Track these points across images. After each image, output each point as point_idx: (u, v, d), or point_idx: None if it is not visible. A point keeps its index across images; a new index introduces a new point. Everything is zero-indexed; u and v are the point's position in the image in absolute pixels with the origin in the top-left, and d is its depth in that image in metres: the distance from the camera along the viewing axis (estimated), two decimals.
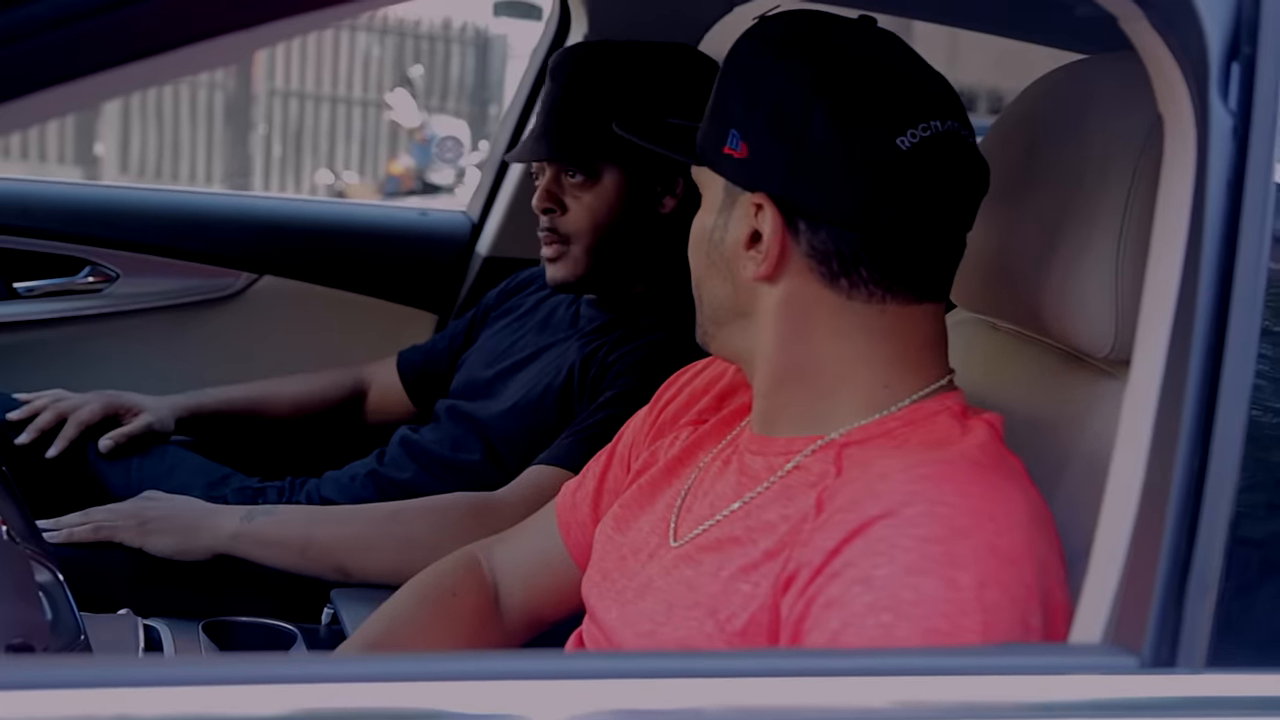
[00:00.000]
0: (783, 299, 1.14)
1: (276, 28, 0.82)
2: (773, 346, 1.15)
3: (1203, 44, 0.91)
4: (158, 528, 1.75)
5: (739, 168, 1.14)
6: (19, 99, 0.75)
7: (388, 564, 1.69)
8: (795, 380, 1.15)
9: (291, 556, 1.72)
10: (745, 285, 1.16)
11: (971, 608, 0.95)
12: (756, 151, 1.12)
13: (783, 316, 1.14)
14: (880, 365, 1.13)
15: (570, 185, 1.86)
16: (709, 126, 1.18)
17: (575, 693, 0.85)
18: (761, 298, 1.15)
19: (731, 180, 1.15)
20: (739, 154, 1.13)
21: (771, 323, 1.15)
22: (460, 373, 2.06)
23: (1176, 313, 0.93)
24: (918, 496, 1.00)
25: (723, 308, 1.19)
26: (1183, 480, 0.90)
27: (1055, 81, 1.29)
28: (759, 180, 1.12)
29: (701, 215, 1.20)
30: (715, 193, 1.18)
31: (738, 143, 1.13)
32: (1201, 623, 0.90)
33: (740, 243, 1.14)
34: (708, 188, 1.19)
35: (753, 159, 1.13)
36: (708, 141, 1.17)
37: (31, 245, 2.34)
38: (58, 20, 0.76)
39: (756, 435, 1.19)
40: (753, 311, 1.16)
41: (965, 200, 1.14)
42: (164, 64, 0.78)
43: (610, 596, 1.22)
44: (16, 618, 1.10)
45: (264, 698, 0.81)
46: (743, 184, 1.14)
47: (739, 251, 1.15)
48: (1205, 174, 0.91)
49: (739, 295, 1.17)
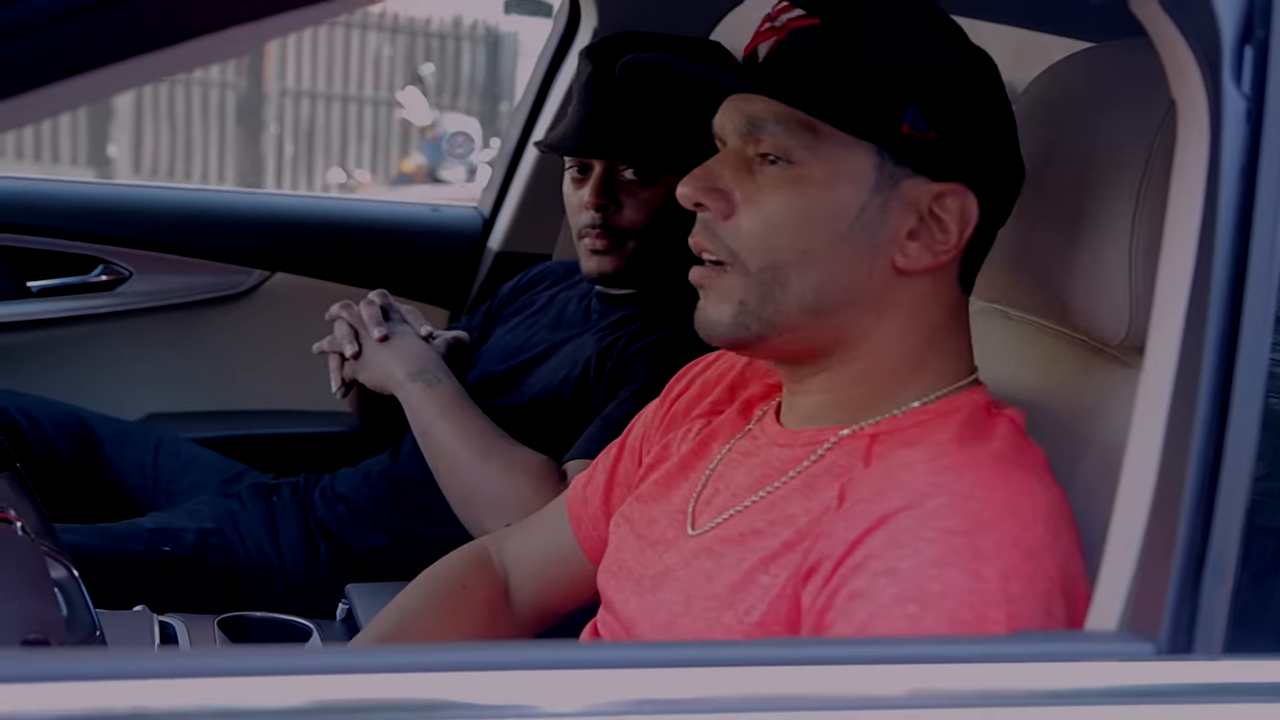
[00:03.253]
0: (929, 290, 1.10)
1: (283, 20, 0.82)
2: (887, 337, 1.11)
3: (1215, 27, 0.90)
4: (365, 364, 1.91)
5: (930, 151, 1.06)
6: (28, 92, 0.75)
7: (454, 487, 1.80)
8: (881, 371, 1.12)
9: (418, 428, 1.85)
10: (887, 274, 1.08)
11: (996, 599, 0.95)
12: (950, 137, 1.07)
13: (919, 308, 1.11)
14: (946, 356, 1.13)
15: (625, 182, 1.85)
16: (864, 96, 1.06)
17: (586, 683, 0.85)
18: (904, 287, 1.10)
19: (912, 165, 1.07)
20: (925, 135, 1.06)
21: (902, 313, 1.10)
22: (474, 369, 2.06)
23: (1191, 298, 0.93)
24: (941, 488, 1.00)
25: (838, 293, 1.09)
26: (1198, 467, 0.89)
27: (1067, 69, 1.28)
28: (952, 168, 1.07)
29: (818, 191, 1.07)
30: (855, 169, 1.07)
31: (923, 123, 1.06)
32: (1218, 609, 0.89)
33: (902, 228, 1.07)
34: (830, 162, 1.07)
35: (944, 144, 1.06)
36: (865, 113, 1.06)
37: (44, 244, 2.36)
38: (65, 14, 0.76)
39: (784, 429, 1.17)
40: (884, 301, 1.10)
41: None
42: (172, 56, 0.78)
43: (629, 588, 1.22)
44: (32, 614, 1.10)
45: (276, 689, 0.81)
46: (929, 170, 1.07)
47: (898, 238, 1.08)
48: (1219, 158, 0.91)
49: (874, 283, 1.09)
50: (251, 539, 1.94)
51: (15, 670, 0.80)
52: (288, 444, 2.28)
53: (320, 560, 1.93)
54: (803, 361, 1.14)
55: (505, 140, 2.63)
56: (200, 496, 2.05)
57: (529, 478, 1.73)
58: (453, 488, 1.80)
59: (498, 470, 1.75)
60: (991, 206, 1.11)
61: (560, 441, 1.79)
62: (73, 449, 2.09)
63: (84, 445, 2.09)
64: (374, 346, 1.90)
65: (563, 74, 2.46)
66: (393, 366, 1.88)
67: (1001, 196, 1.13)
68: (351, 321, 1.92)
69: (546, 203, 2.40)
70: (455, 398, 1.85)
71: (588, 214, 1.85)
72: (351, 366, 1.92)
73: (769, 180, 1.09)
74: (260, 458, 2.20)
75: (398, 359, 1.88)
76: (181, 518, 1.95)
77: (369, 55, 10.74)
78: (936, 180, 1.07)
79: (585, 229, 1.86)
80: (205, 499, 2.02)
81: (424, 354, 1.90)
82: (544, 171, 2.45)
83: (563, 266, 2.16)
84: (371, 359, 1.90)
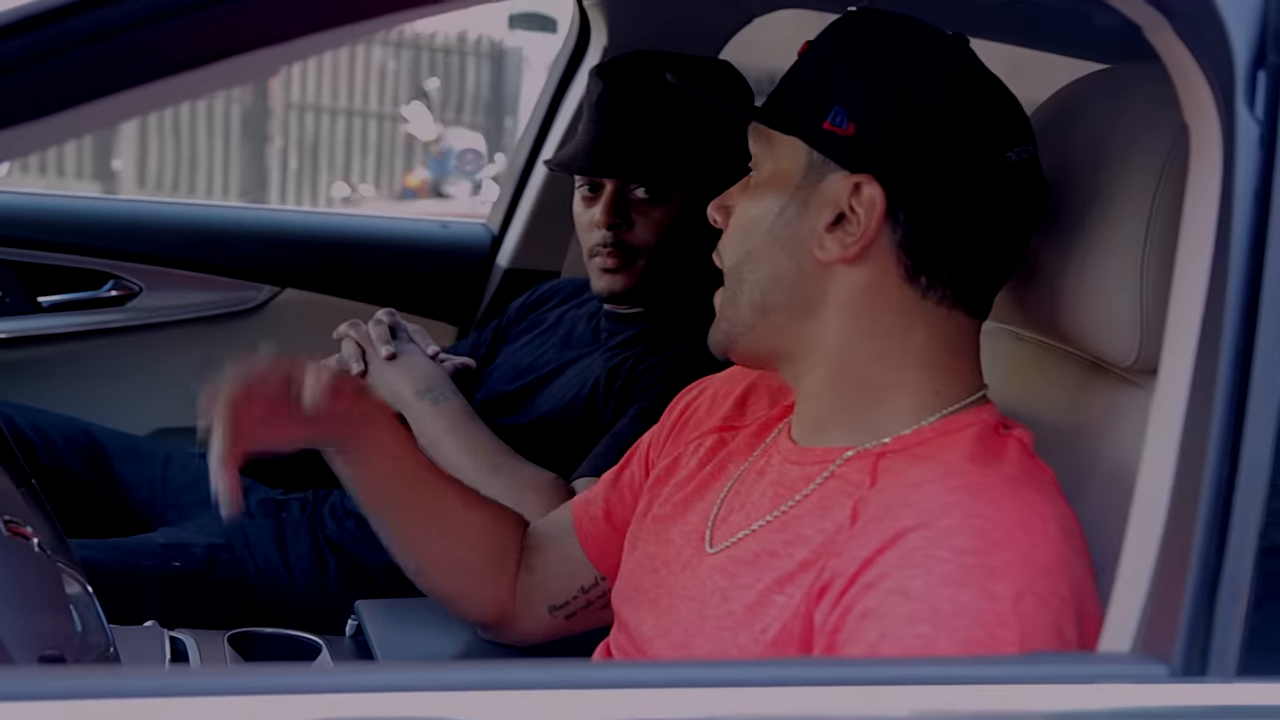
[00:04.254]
0: (859, 286, 1.12)
1: (309, 42, 0.82)
2: (836, 338, 1.13)
3: (1228, 52, 0.91)
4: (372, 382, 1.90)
5: (844, 145, 1.10)
6: (59, 113, 0.76)
7: None
8: (850, 379, 1.14)
9: (425, 445, 1.81)
10: (814, 269, 1.12)
11: (1009, 619, 0.95)
12: (866, 131, 1.10)
13: (854, 305, 1.12)
14: (934, 371, 1.13)
15: (636, 201, 1.85)
16: (801, 97, 1.13)
17: (591, 702, 0.85)
18: (833, 282, 1.12)
19: (831, 156, 1.11)
20: (844, 131, 1.10)
21: (839, 311, 1.13)
22: (483, 388, 2.06)
23: (1204, 322, 0.93)
24: (953, 508, 1.00)
25: (777, 290, 1.14)
26: (1212, 488, 0.90)
27: (1079, 91, 1.29)
28: (867, 160, 1.10)
29: (764, 192, 1.15)
30: (789, 168, 1.13)
31: (844, 120, 1.10)
32: (1232, 631, 0.89)
33: (822, 222, 1.11)
34: (776, 162, 1.15)
35: (861, 138, 1.10)
36: (797, 113, 1.13)
37: (55, 259, 2.37)
38: (96, 36, 0.77)
39: (795, 445, 1.18)
40: (818, 298, 1.13)
41: (1034, 223, 1.16)
42: (200, 78, 0.79)
43: (645, 607, 1.22)
44: (49, 629, 1.11)
45: (285, 709, 0.81)
46: (846, 162, 1.11)
47: (816, 231, 1.12)
48: (1232, 183, 0.91)
49: (804, 279, 1.13)
50: (261, 554, 1.94)
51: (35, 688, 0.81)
52: (295, 459, 2.27)
53: (330, 576, 1.93)
54: (781, 365, 1.18)
55: (514, 157, 2.64)
56: (209, 511, 2.05)
57: (537, 495, 1.73)
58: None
59: (506, 487, 1.75)
60: (926, 201, 1.09)
61: (569, 461, 1.79)
62: (82, 464, 2.09)
63: (94, 460, 2.09)
64: (381, 365, 1.90)
65: (572, 91, 2.46)
66: (400, 384, 1.88)
67: (945, 194, 1.10)
68: (359, 340, 1.93)
69: (555, 220, 2.41)
70: (463, 415, 1.85)
71: (599, 233, 1.85)
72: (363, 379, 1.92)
73: (745, 191, 1.18)
74: (268, 473, 2.20)
75: (405, 376, 1.89)
76: (191, 533, 1.95)
77: (374, 70, 10.76)
78: (853, 173, 1.10)
79: (596, 247, 1.86)
80: (215, 514, 2.02)
81: (432, 372, 1.90)
82: (553, 189, 2.46)
83: (571, 284, 2.17)
84: (379, 377, 1.90)
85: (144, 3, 0.79)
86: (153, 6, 0.79)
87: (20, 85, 0.79)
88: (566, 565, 1.44)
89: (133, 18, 0.78)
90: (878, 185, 1.09)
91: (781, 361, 1.18)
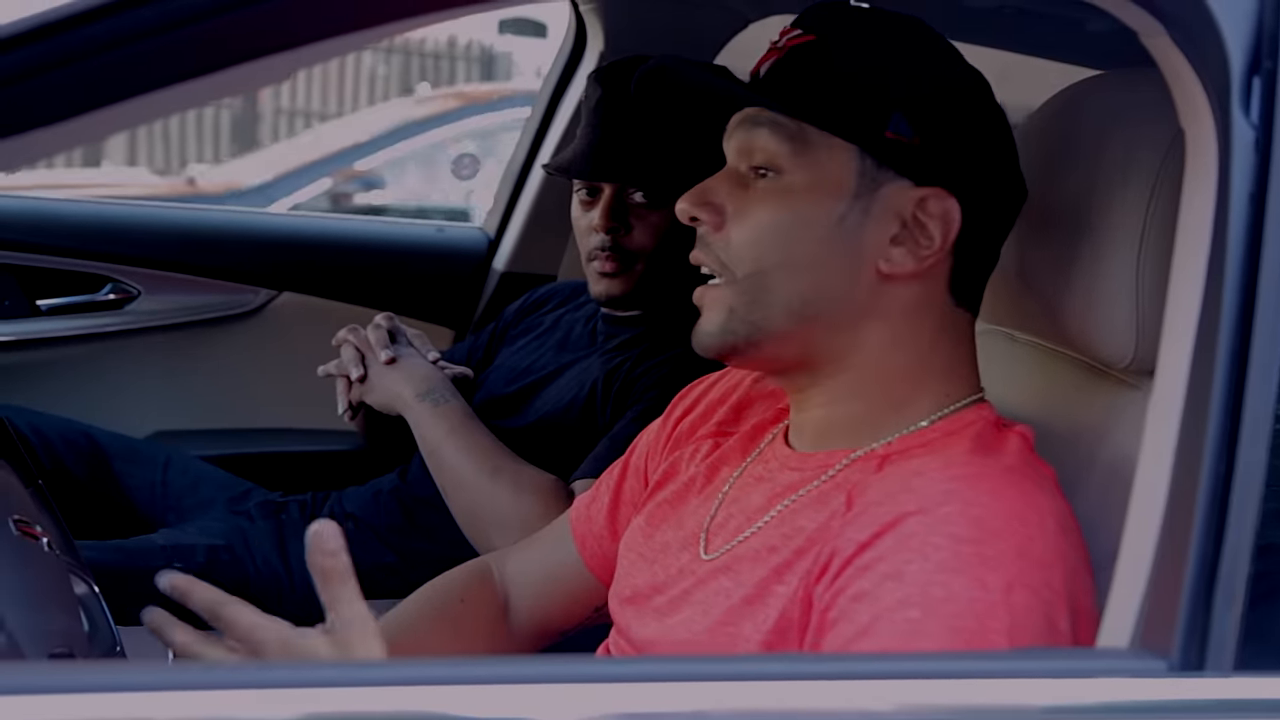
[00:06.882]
0: (910, 299, 1.11)
1: (322, 47, 0.84)
2: (871, 352, 1.11)
3: (1224, 58, 0.92)
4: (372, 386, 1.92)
5: (913, 155, 1.08)
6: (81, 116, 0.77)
7: (462, 506, 1.81)
8: (873, 389, 1.13)
9: (426, 448, 1.86)
10: (871, 280, 1.09)
11: (999, 609, 0.96)
12: (932, 141, 1.08)
13: (900, 318, 1.11)
14: (946, 374, 1.14)
15: (634, 205, 1.85)
16: (850, 100, 1.08)
17: (583, 696, 0.86)
18: (884, 294, 1.10)
19: (894, 167, 1.08)
20: (909, 140, 1.08)
21: (882, 324, 1.11)
22: (481, 390, 2.07)
23: (1200, 324, 0.94)
24: (953, 496, 1.01)
25: (821, 300, 1.10)
26: (1209, 485, 0.91)
27: (1074, 96, 1.30)
28: (936, 172, 1.08)
29: (803, 198, 1.10)
30: (838, 176, 1.09)
31: (907, 128, 1.07)
32: (1230, 627, 0.90)
33: (885, 234, 1.09)
34: (814, 167, 1.09)
35: (928, 149, 1.08)
36: (850, 117, 1.08)
37: (53, 263, 2.38)
38: (116, 41, 0.78)
39: (794, 452, 1.18)
40: (867, 310, 1.10)
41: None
42: (216, 83, 0.80)
43: (648, 614, 1.22)
44: (59, 628, 1.12)
45: (275, 702, 0.83)
46: (911, 173, 1.08)
47: (881, 243, 1.09)
48: (1228, 187, 0.92)
49: (857, 290, 1.10)
50: (261, 556, 1.95)
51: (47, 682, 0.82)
52: (295, 462, 2.29)
53: None
54: (797, 372, 1.15)
55: (510, 161, 2.65)
56: (209, 514, 2.06)
57: (537, 497, 1.74)
58: (460, 506, 1.81)
59: (506, 489, 1.76)
60: (981, 214, 1.11)
61: (567, 463, 1.80)
62: (83, 466, 2.10)
63: (94, 462, 2.10)
64: (380, 368, 1.91)
65: (568, 96, 2.48)
66: (400, 387, 1.89)
67: (993, 206, 1.13)
68: (359, 345, 1.94)
69: (552, 223, 2.42)
70: (463, 417, 1.86)
71: (597, 236, 1.86)
72: (358, 389, 1.93)
73: (758, 192, 1.12)
74: (268, 475, 2.21)
75: (405, 379, 1.89)
76: (192, 534, 1.96)
77: (364, 74, 10.75)
78: (920, 185, 1.09)
79: (595, 251, 1.87)
80: (215, 516, 2.03)
81: (431, 374, 1.91)
82: (549, 192, 2.47)
83: (568, 287, 2.18)
84: (378, 380, 1.91)
85: (161, 9, 0.80)
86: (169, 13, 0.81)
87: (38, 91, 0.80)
88: (572, 599, 1.44)
89: (150, 24, 0.79)
90: (953, 199, 1.08)
91: (798, 370, 1.15)
